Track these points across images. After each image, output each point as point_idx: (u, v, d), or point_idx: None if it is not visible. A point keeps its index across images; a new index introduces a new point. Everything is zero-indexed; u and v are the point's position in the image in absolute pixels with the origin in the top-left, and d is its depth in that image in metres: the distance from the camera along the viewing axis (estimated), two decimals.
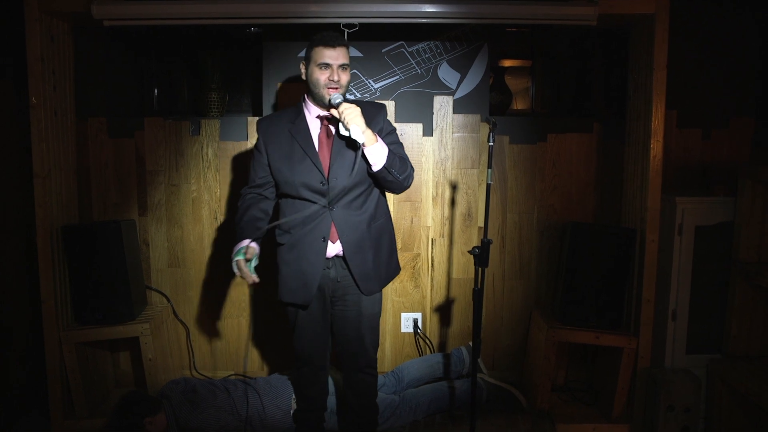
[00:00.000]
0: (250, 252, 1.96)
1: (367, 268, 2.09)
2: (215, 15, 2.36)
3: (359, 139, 1.88)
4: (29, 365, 2.83)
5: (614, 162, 2.82)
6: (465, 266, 2.96)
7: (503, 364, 3.03)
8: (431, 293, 2.99)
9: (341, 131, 1.96)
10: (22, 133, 2.57)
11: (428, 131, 2.90)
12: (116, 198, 2.92)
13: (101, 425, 2.59)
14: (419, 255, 2.96)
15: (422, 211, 2.95)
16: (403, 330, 3.00)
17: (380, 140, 1.97)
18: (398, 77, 2.88)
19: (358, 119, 1.89)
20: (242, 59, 3.30)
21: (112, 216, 2.90)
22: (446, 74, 2.88)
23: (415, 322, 2.99)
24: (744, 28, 2.80)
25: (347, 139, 1.96)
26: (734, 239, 2.51)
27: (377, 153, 1.95)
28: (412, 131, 2.89)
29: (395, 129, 2.15)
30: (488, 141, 2.07)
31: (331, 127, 2.04)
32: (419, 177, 2.89)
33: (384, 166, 1.96)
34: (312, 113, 2.06)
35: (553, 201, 2.94)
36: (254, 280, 1.93)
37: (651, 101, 2.45)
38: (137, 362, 2.86)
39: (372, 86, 2.88)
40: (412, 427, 2.60)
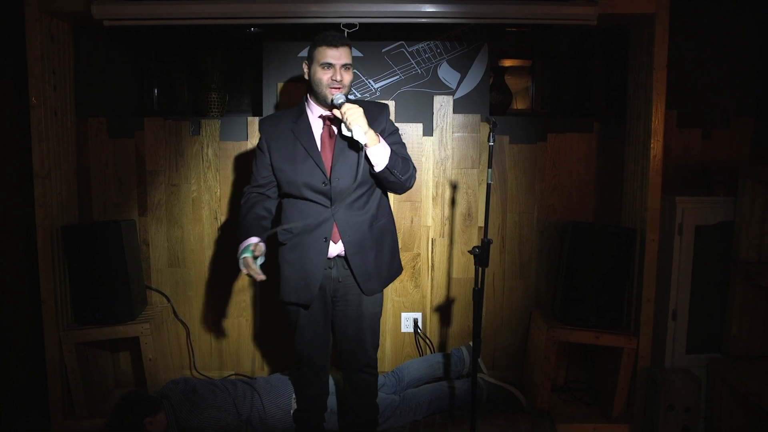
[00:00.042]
0: (259, 249, 1.96)
1: (369, 268, 2.09)
2: (215, 15, 2.36)
3: (361, 140, 1.88)
4: (29, 365, 2.83)
5: (614, 162, 2.82)
6: (465, 266, 2.96)
7: (503, 364, 3.03)
8: (431, 293, 2.99)
9: (343, 132, 1.96)
10: (22, 133, 2.57)
11: (428, 131, 2.90)
12: (116, 198, 2.92)
13: (101, 425, 2.59)
14: (419, 255, 2.96)
15: (422, 211, 2.95)
16: (403, 330, 3.00)
17: (383, 141, 1.97)
18: (398, 77, 2.88)
19: (361, 120, 1.89)
20: (242, 59, 3.30)
21: (112, 216, 2.91)
22: (446, 74, 2.88)
23: (415, 322, 2.99)
24: (744, 28, 2.80)
25: (349, 140, 1.96)
26: (734, 239, 2.51)
27: (379, 154, 1.94)
28: (412, 131, 2.89)
29: (398, 129, 2.15)
30: (488, 141, 2.07)
31: (334, 128, 2.04)
32: (419, 177, 2.88)
33: (386, 167, 1.96)
34: (314, 113, 2.05)
35: (553, 201, 2.94)
36: (262, 278, 1.93)
37: (651, 101, 2.45)
38: (137, 362, 2.86)
39: (372, 86, 2.88)
40: (412, 427, 2.60)
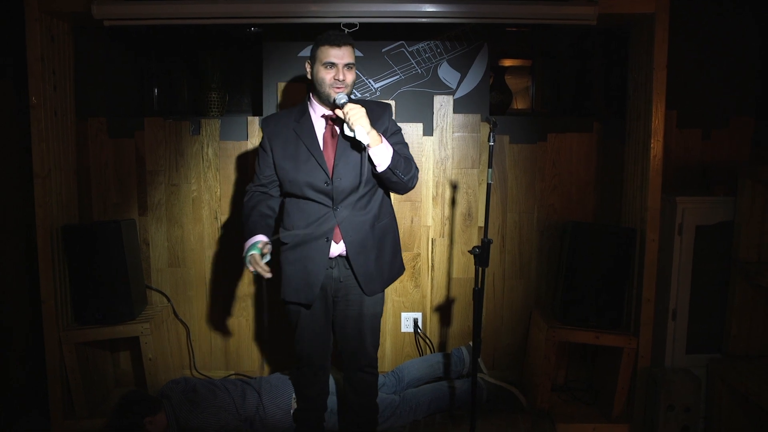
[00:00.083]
0: (266, 247, 1.96)
1: (370, 269, 2.09)
2: (215, 15, 2.36)
3: (364, 140, 1.88)
4: (29, 365, 2.83)
5: (614, 161, 2.82)
6: (465, 266, 2.96)
7: (503, 364, 3.03)
8: (431, 293, 2.99)
9: (346, 132, 1.95)
10: (22, 133, 2.57)
11: (428, 131, 2.90)
12: (116, 198, 2.92)
13: (101, 425, 2.59)
14: (419, 255, 2.96)
15: (422, 211, 2.95)
16: (403, 330, 3.00)
17: (385, 141, 1.97)
18: (398, 77, 2.88)
19: (363, 120, 1.89)
20: (242, 59, 3.30)
21: (112, 216, 2.90)
22: (446, 74, 2.88)
23: (415, 322, 2.99)
24: (744, 28, 2.80)
25: (352, 140, 1.96)
26: (734, 239, 2.51)
27: (382, 154, 1.94)
28: (413, 131, 2.89)
29: (400, 129, 2.15)
30: (488, 140, 2.08)
31: (336, 127, 2.04)
32: (419, 177, 2.87)
33: (388, 167, 1.96)
34: (317, 112, 2.05)
35: (553, 200, 2.94)
36: (269, 275, 1.92)
37: (651, 101, 2.45)
38: (137, 362, 2.86)
39: (372, 86, 2.88)
40: (412, 427, 2.60)
